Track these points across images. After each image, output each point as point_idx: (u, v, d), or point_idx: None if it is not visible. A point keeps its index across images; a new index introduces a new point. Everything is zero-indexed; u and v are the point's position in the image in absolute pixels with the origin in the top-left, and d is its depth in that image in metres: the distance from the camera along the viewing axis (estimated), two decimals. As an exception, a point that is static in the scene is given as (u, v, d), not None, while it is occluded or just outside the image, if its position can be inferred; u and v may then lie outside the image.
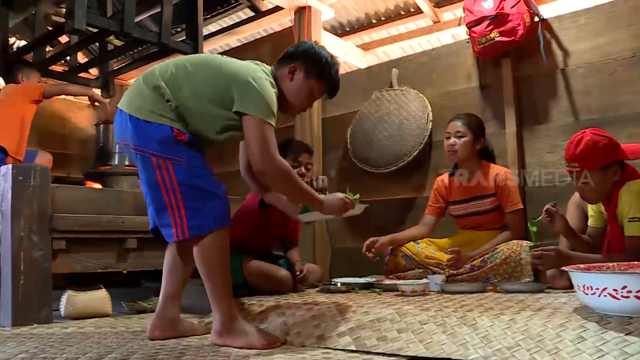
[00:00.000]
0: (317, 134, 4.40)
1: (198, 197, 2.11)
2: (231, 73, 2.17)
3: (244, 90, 2.12)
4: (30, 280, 2.71)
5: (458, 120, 3.31)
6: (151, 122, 2.10)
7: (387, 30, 5.34)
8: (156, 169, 2.10)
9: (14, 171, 2.70)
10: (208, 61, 2.26)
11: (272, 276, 3.03)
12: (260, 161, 2.11)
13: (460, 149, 3.26)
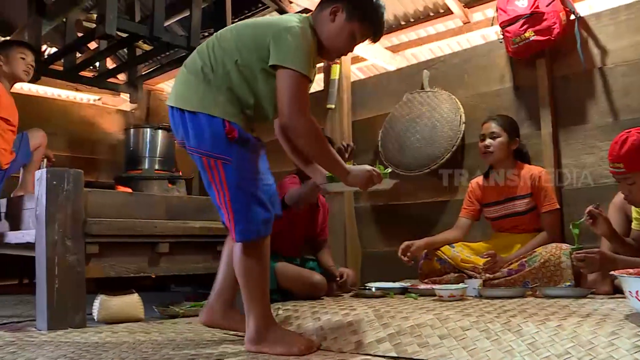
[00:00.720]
0: (348, 137, 4.36)
1: (245, 200, 2.04)
2: (266, 26, 2.07)
3: (277, 41, 1.99)
4: (65, 285, 2.70)
5: (492, 121, 3.25)
6: (199, 113, 2.01)
7: (416, 32, 5.27)
8: (207, 169, 2.03)
9: (48, 175, 2.70)
10: (240, 26, 2.14)
11: (306, 281, 3.00)
12: (287, 115, 1.98)
13: (496, 149, 3.20)
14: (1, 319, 3.14)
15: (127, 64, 5.15)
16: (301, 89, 1.99)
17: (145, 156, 3.86)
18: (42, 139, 3.90)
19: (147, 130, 3.88)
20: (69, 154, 5.57)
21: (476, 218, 3.38)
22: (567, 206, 3.32)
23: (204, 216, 3.31)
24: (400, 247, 3.22)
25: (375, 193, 4.30)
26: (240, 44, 2.05)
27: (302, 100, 2.00)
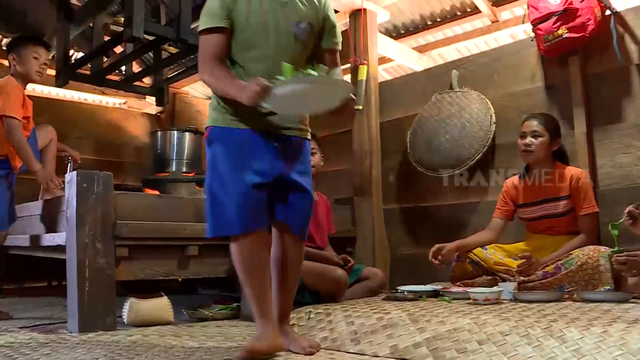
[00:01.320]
0: (376, 139, 4.30)
1: (211, 200, 2.10)
2: None
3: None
4: (95, 287, 2.70)
5: (534, 119, 3.18)
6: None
7: (442, 32, 5.22)
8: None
9: (79, 178, 2.70)
10: None
11: (329, 276, 3.00)
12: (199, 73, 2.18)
13: (536, 149, 3.13)
14: (33, 321, 3.15)
15: (152, 67, 5.16)
16: (202, 46, 2.15)
17: (173, 159, 3.84)
18: (51, 134, 3.83)
19: (174, 133, 3.87)
20: (95, 157, 5.60)
21: (510, 219, 3.31)
22: (602, 207, 3.22)
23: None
24: (432, 249, 3.16)
25: (405, 195, 4.26)
26: None
27: (203, 56, 2.13)
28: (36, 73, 3.43)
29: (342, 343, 2.25)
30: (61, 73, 4.49)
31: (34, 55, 3.41)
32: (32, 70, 3.40)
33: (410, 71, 5.51)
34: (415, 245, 4.22)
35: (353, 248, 3.98)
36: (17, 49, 3.40)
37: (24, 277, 5.38)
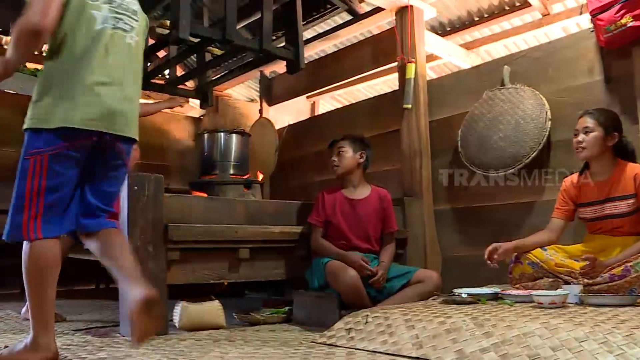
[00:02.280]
0: (425, 138, 4.20)
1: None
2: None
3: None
4: (147, 292, 2.65)
5: (587, 115, 3.03)
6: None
7: (489, 28, 5.08)
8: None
9: (129, 181, 2.67)
10: None
11: (341, 277, 2.97)
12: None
13: (588, 145, 2.97)
14: (85, 324, 3.14)
15: (196, 70, 5.15)
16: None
17: (220, 161, 3.80)
18: (135, 153, 3.90)
19: (220, 135, 3.83)
20: (139, 160, 5.61)
21: (571, 219, 3.16)
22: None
23: (282, 220, 3.23)
24: (487, 249, 3.04)
25: (456, 195, 4.14)
26: None
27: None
28: None
29: (402, 347, 2.16)
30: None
31: None
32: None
33: (457, 69, 5.40)
34: (467, 247, 4.09)
35: (404, 250, 3.88)
36: None
37: (72, 279, 5.44)
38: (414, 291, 3.15)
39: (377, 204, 3.43)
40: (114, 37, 2.19)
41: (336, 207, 3.36)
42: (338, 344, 2.36)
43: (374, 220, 3.40)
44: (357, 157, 3.44)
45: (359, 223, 3.35)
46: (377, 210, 3.42)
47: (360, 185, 3.47)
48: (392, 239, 3.44)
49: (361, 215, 3.36)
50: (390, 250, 3.36)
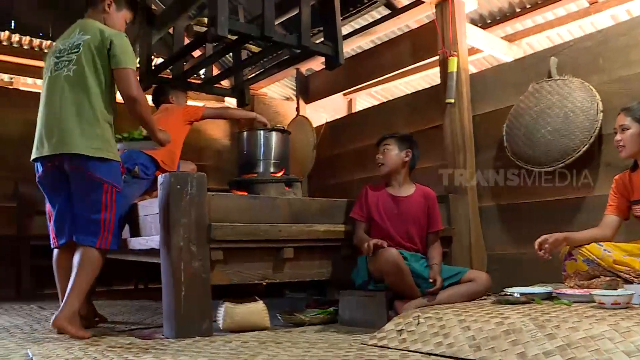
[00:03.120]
0: (469, 133, 4.09)
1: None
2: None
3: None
4: (191, 292, 2.61)
5: (623, 112, 2.91)
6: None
7: (532, 19, 4.92)
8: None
9: (172, 179, 2.62)
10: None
11: (378, 257, 2.89)
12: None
13: (626, 143, 2.86)
14: (128, 325, 3.12)
15: (233, 68, 5.11)
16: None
17: (260, 159, 3.74)
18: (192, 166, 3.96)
19: (260, 133, 3.77)
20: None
21: (625, 216, 3.01)
22: None
23: (327, 219, 3.16)
24: (537, 240, 2.91)
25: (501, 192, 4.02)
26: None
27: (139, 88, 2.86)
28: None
29: (459, 349, 2.07)
30: (144, 78, 4.49)
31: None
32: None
33: (496, 63, 5.26)
34: (514, 244, 3.96)
35: (449, 248, 3.77)
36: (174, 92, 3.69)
37: (111, 279, 5.46)
38: (463, 290, 3.03)
39: (421, 203, 3.33)
40: (52, 80, 2.80)
41: (379, 205, 3.28)
42: (390, 346, 2.28)
43: (418, 219, 3.30)
44: (402, 156, 3.35)
45: (402, 221, 3.25)
46: (421, 209, 3.31)
47: (405, 183, 3.37)
48: (437, 238, 3.33)
49: (404, 213, 3.26)
50: (438, 251, 3.25)
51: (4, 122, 5.50)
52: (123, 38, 2.80)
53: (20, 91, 6.47)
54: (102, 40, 2.75)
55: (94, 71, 2.75)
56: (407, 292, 2.92)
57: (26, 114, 5.53)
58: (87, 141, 2.69)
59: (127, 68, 2.73)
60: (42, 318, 3.56)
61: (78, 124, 2.70)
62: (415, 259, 3.14)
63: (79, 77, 2.74)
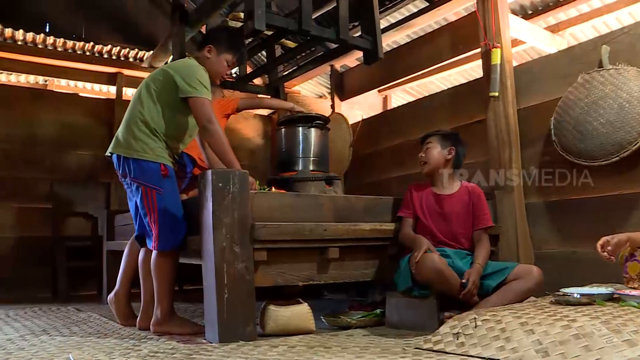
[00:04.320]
0: (514, 127, 3.92)
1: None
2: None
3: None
4: (235, 295, 2.51)
5: None
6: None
7: (577, 8, 4.74)
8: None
9: (214, 177, 2.52)
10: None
11: (420, 265, 2.78)
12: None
13: None
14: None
15: (267, 65, 5.02)
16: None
17: (299, 157, 3.63)
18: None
19: (299, 130, 3.66)
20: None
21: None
22: None
23: (372, 217, 3.04)
24: (598, 242, 2.74)
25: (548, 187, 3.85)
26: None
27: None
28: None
29: (525, 354, 1.93)
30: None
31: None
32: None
33: (537, 55, 5.09)
34: (562, 242, 3.78)
35: (496, 246, 3.62)
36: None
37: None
38: (513, 289, 2.86)
39: (465, 201, 3.19)
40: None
41: (423, 204, 3.16)
42: (447, 350, 2.15)
43: (462, 218, 3.16)
44: (445, 154, 3.22)
45: (445, 220, 3.13)
46: (466, 207, 3.18)
47: (450, 182, 3.24)
48: (484, 236, 3.15)
49: (447, 212, 3.13)
50: (483, 250, 3.06)
51: (39, 123, 5.51)
52: (197, 70, 2.91)
53: (54, 93, 6.49)
54: (175, 70, 2.90)
55: (155, 90, 2.89)
56: (456, 296, 2.79)
57: (60, 116, 5.62)
58: (127, 144, 2.86)
59: (196, 97, 2.82)
60: (80, 320, 3.52)
61: (127, 129, 2.88)
62: (459, 256, 3.00)
63: (142, 91, 2.93)
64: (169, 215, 2.83)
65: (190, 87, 2.82)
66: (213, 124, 2.82)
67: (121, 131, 2.93)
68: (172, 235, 2.83)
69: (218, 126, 2.85)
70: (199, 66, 2.95)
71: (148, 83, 2.94)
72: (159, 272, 2.87)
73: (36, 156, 5.46)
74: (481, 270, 2.90)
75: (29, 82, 7.04)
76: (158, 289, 2.88)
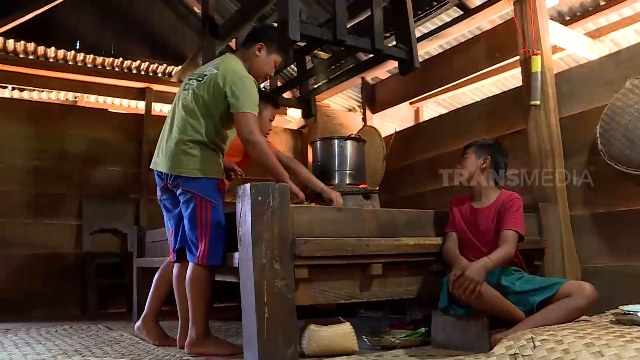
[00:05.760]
0: (556, 137, 3.78)
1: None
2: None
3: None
4: (275, 314, 2.38)
5: None
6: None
7: (618, 12, 4.58)
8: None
9: (252, 190, 2.42)
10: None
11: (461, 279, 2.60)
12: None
13: None
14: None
15: (298, 78, 4.94)
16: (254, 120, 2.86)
17: (335, 170, 3.52)
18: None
19: (334, 142, 3.55)
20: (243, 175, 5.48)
21: None
22: None
23: (415, 231, 2.91)
24: None
25: (595, 199, 3.69)
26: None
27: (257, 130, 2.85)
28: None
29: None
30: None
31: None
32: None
33: (575, 63, 4.93)
34: (611, 257, 3.61)
35: (541, 261, 3.46)
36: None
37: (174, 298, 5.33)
38: (562, 307, 2.64)
39: (497, 210, 2.97)
40: (174, 101, 2.99)
41: (462, 218, 3.01)
42: (506, 373, 2.01)
43: (495, 229, 2.97)
44: (479, 163, 3.05)
45: (483, 234, 2.95)
46: (497, 217, 2.96)
47: (488, 193, 3.06)
48: (506, 237, 2.81)
49: (483, 225, 2.96)
50: (501, 250, 2.74)
51: (69, 139, 5.50)
52: (247, 82, 2.82)
53: (84, 108, 6.50)
54: (225, 82, 2.80)
55: (205, 101, 2.83)
56: (505, 316, 2.64)
57: (90, 131, 5.60)
58: (180, 162, 2.80)
59: (242, 112, 2.75)
60: (111, 340, 3.44)
61: (176, 145, 2.81)
62: (506, 274, 2.84)
63: (189, 101, 2.86)
64: (221, 229, 2.76)
65: (239, 103, 2.75)
66: (256, 137, 2.74)
67: (171, 149, 2.83)
68: (219, 250, 2.75)
69: (262, 139, 2.78)
70: (250, 78, 2.85)
71: (198, 97, 2.84)
72: (196, 289, 2.77)
73: (66, 172, 5.45)
74: (489, 265, 2.63)
75: (59, 99, 7.07)
76: (193, 307, 2.78)
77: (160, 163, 2.88)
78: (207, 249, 2.72)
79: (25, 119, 5.35)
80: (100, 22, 7.02)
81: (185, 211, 2.80)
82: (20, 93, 6.80)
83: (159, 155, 2.93)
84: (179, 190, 2.81)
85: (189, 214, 2.78)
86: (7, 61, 5.64)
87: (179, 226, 2.93)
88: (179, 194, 2.83)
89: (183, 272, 2.92)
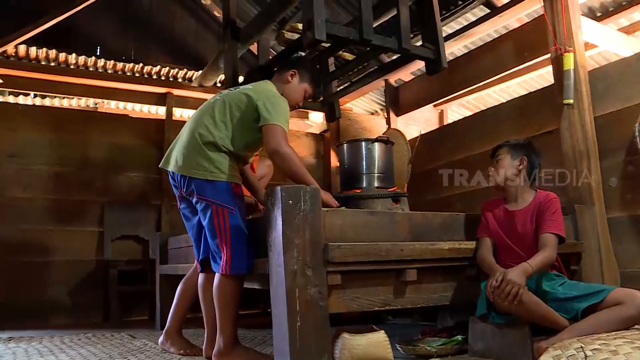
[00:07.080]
0: (592, 137, 3.65)
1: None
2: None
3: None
4: (307, 322, 2.28)
5: None
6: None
7: (655, 6, 4.44)
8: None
9: (283, 194, 2.33)
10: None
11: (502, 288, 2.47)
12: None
13: None
14: None
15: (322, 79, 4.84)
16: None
17: (363, 173, 3.43)
18: (268, 169, 3.70)
19: (361, 144, 3.45)
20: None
21: None
22: None
23: (449, 235, 2.81)
24: None
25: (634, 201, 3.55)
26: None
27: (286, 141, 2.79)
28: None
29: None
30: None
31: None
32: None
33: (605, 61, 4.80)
34: (651, 261, 3.48)
35: (578, 266, 3.33)
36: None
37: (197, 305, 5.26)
38: (611, 315, 2.52)
39: (535, 211, 2.84)
40: (201, 107, 2.94)
41: (496, 222, 2.89)
42: (556, 385, 1.90)
43: (533, 232, 2.85)
44: (515, 164, 2.93)
45: (521, 238, 2.83)
46: (536, 219, 2.84)
47: (524, 195, 2.93)
48: (546, 241, 2.71)
49: (521, 228, 2.84)
50: (540, 255, 2.63)
51: (90, 145, 5.48)
52: (281, 102, 2.79)
53: (105, 114, 6.49)
54: (259, 97, 2.77)
55: (231, 110, 2.79)
56: (546, 324, 2.52)
57: (111, 137, 5.57)
58: (192, 163, 2.73)
59: (273, 124, 2.69)
60: (135, 349, 3.37)
61: (190, 145, 2.76)
62: (546, 278, 2.71)
63: (210, 105, 2.85)
64: (242, 235, 2.67)
65: (271, 116, 2.69)
66: (285, 148, 2.66)
67: (186, 149, 2.78)
68: (244, 258, 2.66)
69: (291, 150, 2.69)
70: (285, 100, 2.83)
71: (225, 104, 2.80)
72: (223, 298, 2.68)
73: (87, 178, 5.42)
74: (529, 271, 2.52)
75: (80, 106, 7.06)
76: (221, 316, 2.70)
77: (171, 162, 2.83)
78: (229, 258, 2.63)
79: (47, 126, 5.34)
80: (120, 28, 7.01)
81: (204, 220, 2.74)
82: (42, 100, 6.80)
83: (171, 153, 2.87)
84: (194, 198, 2.75)
85: (207, 224, 2.71)
86: (29, 68, 5.63)
87: (200, 236, 2.87)
88: (195, 202, 2.77)
89: (208, 281, 2.85)
